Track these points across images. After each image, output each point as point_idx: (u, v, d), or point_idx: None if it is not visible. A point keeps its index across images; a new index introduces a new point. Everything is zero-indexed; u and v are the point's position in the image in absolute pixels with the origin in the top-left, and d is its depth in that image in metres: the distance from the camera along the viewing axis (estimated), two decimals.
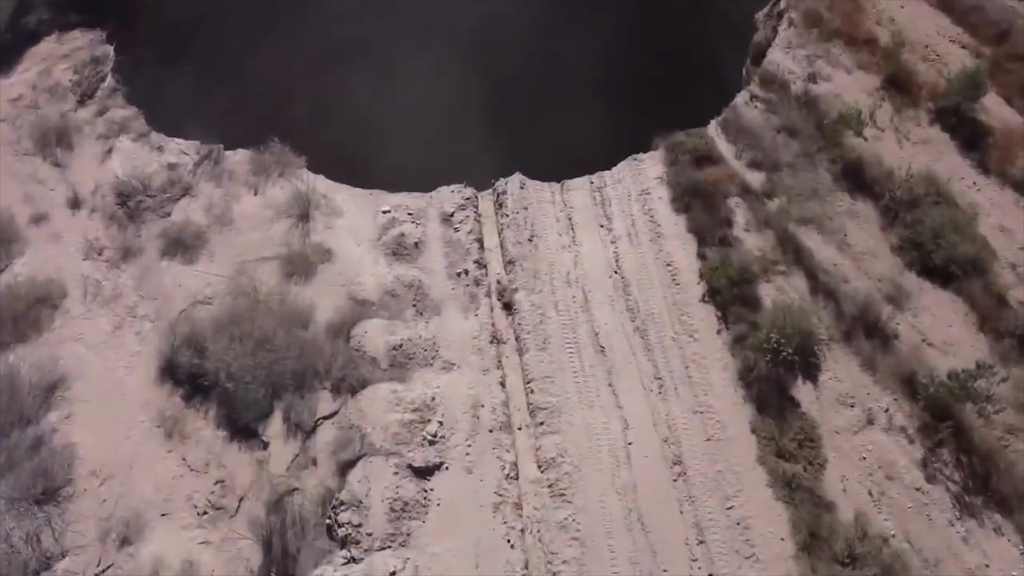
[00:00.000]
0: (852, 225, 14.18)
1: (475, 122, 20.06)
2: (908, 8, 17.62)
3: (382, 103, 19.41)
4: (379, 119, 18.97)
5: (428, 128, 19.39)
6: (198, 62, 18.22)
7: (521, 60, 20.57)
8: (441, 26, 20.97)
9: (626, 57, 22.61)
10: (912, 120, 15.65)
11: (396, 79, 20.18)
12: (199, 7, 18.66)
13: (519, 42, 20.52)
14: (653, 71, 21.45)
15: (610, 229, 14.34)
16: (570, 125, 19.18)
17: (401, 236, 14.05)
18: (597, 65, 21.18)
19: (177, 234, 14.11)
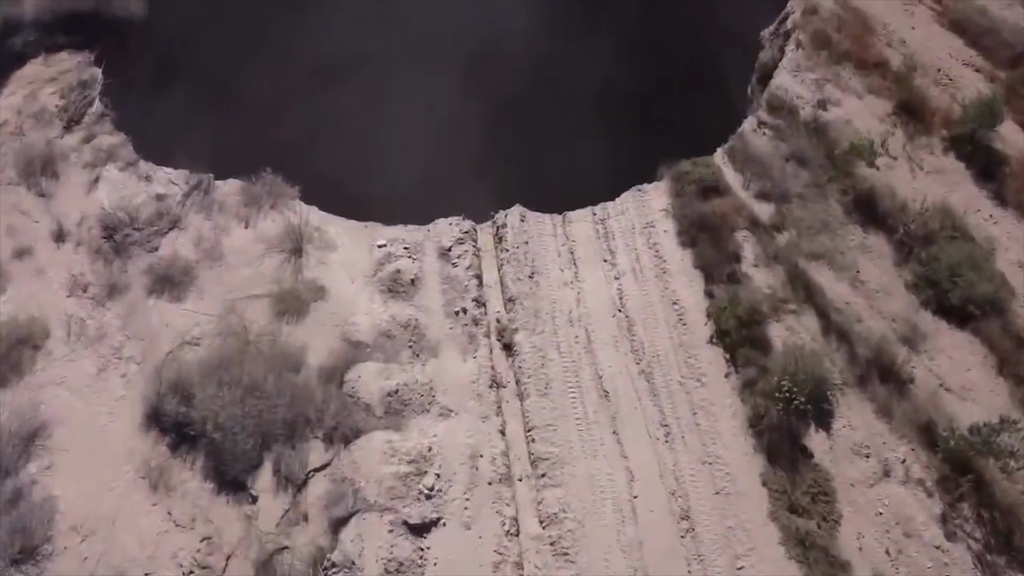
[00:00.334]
0: (865, 260, 13.53)
1: (473, 147, 19.42)
2: (919, 30, 16.95)
3: (377, 128, 18.75)
4: (374, 144, 18.32)
5: (425, 153, 18.73)
6: (189, 84, 17.56)
7: (521, 82, 19.93)
8: (438, 49, 20.31)
9: (629, 75, 21.95)
10: (925, 148, 14.99)
11: (392, 103, 19.52)
12: (190, 27, 18.00)
13: (518, 64, 19.88)
14: (657, 89, 20.78)
15: (614, 264, 13.69)
16: (571, 146, 18.51)
17: (397, 273, 13.39)
18: (599, 86, 20.52)
19: (165, 270, 13.44)
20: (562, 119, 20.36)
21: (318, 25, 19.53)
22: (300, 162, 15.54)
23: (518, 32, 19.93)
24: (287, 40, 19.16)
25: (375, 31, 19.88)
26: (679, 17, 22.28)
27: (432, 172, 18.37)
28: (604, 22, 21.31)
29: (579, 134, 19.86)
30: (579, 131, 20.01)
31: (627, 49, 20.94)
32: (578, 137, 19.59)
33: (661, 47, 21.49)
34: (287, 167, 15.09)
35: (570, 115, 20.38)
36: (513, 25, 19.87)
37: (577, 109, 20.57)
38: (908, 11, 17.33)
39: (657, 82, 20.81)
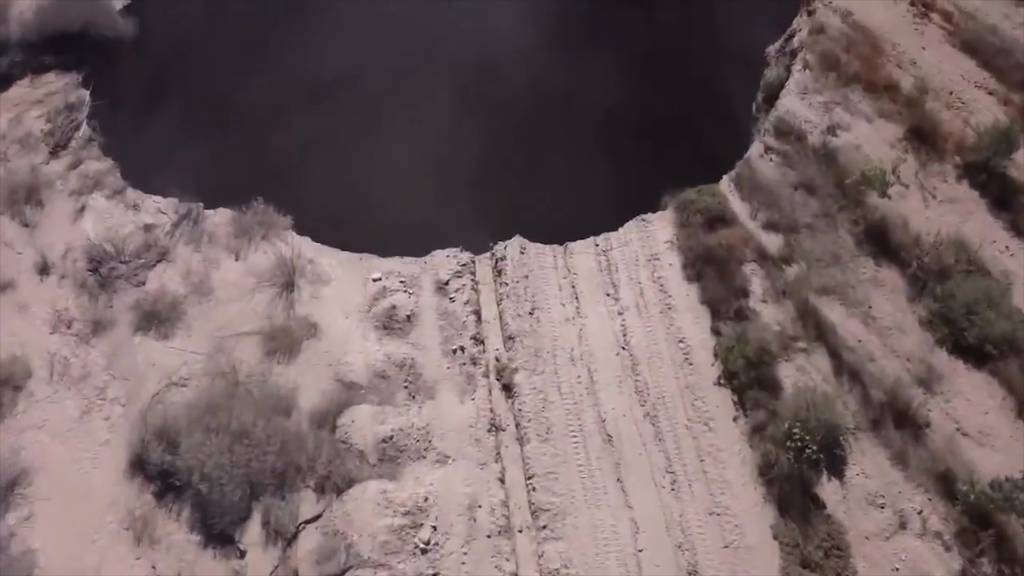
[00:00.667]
0: (877, 295, 12.90)
1: (471, 170, 18.76)
2: (930, 50, 16.30)
3: (372, 152, 18.10)
4: (369, 170, 17.67)
5: (422, 177, 18.06)
6: (179, 104, 16.94)
7: (520, 105, 19.24)
8: (435, 71, 19.63)
9: (630, 94, 21.31)
10: (938, 176, 14.36)
11: (387, 128, 18.85)
12: (181, 45, 17.36)
13: (517, 86, 19.19)
14: (659, 107, 20.13)
15: (617, 299, 13.06)
16: (573, 166, 17.87)
17: (392, 309, 12.78)
18: (600, 106, 19.86)
19: (151, 306, 12.83)
20: (563, 140, 19.71)
21: (311, 43, 18.88)
22: (292, 186, 14.99)
23: (516, 53, 19.25)
24: (279, 60, 18.51)
25: (370, 52, 19.24)
26: (681, 33, 21.65)
27: (429, 196, 17.72)
28: (605, 41, 20.68)
29: (580, 155, 19.21)
30: (580, 152, 19.37)
31: (628, 68, 20.31)
32: (579, 158, 18.95)
33: (664, 65, 20.86)
34: (279, 192, 14.50)
35: (571, 136, 19.73)
36: (511, 46, 19.20)
37: (578, 130, 19.91)
38: (918, 30, 16.67)
39: (659, 100, 20.18)
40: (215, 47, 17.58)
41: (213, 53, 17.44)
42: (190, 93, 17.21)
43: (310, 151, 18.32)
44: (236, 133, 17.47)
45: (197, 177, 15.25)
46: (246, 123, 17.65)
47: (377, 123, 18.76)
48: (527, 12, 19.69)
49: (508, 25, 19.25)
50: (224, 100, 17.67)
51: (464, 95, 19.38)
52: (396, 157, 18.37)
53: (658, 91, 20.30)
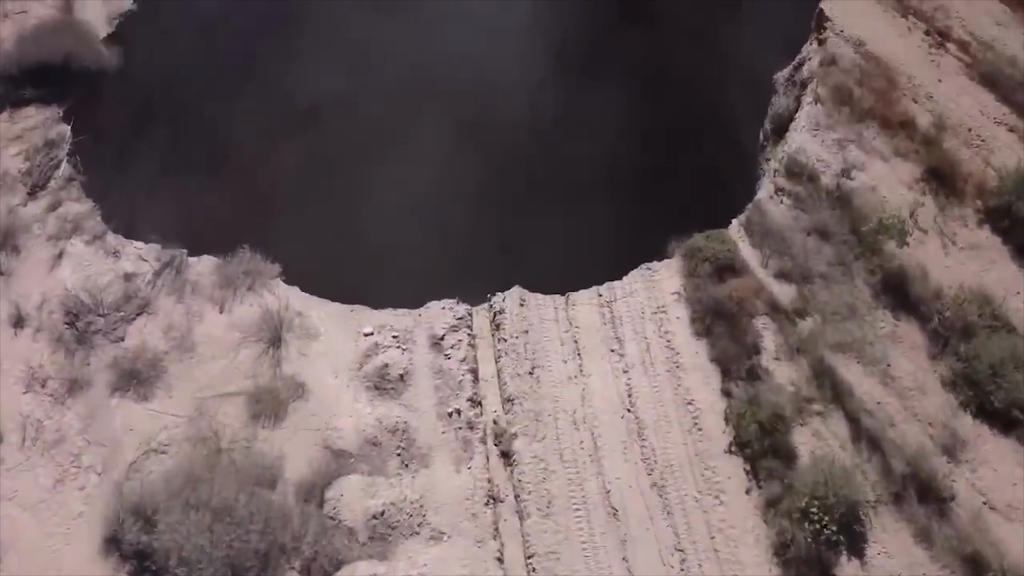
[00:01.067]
0: (896, 352, 12.04)
1: (468, 209, 17.83)
2: (947, 83, 15.38)
3: (364, 194, 17.16)
4: (360, 212, 16.73)
5: (416, 217, 17.13)
6: (164, 139, 16.10)
7: (518, 136, 18.27)
8: (430, 106, 18.68)
9: (633, 116, 20.40)
10: (958, 220, 13.48)
11: (379, 166, 17.91)
12: (167, 77, 16.48)
13: (515, 117, 18.21)
14: (664, 136, 19.19)
15: (621, 355, 12.20)
16: (575, 202, 16.93)
17: (385, 367, 11.93)
18: (603, 136, 18.92)
19: (131, 364, 11.98)
20: (563, 172, 18.76)
21: (301, 72, 17.95)
22: (281, 226, 14.11)
23: (515, 88, 18.30)
24: (269, 88, 17.63)
25: (362, 82, 18.31)
26: (687, 58, 20.74)
27: (423, 236, 16.80)
28: (607, 65, 19.73)
29: (582, 186, 18.26)
30: (582, 184, 18.42)
31: (631, 91, 19.39)
32: (581, 189, 18.00)
33: (669, 90, 19.95)
34: (267, 233, 13.72)
35: (572, 168, 18.77)
36: (509, 79, 18.24)
37: (579, 163, 18.96)
38: (934, 61, 15.76)
39: (664, 128, 19.24)
40: (203, 76, 16.71)
41: (201, 82, 16.57)
42: (176, 125, 16.34)
43: (299, 190, 17.44)
44: (223, 169, 16.60)
45: (181, 216, 14.47)
46: (234, 158, 16.78)
47: (369, 161, 17.86)
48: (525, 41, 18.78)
49: (508, 63, 18.31)
50: (212, 132, 16.79)
51: (460, 129, 18.49)
52: (389, 197, 17.46)
53: (662, 118, 19.39)
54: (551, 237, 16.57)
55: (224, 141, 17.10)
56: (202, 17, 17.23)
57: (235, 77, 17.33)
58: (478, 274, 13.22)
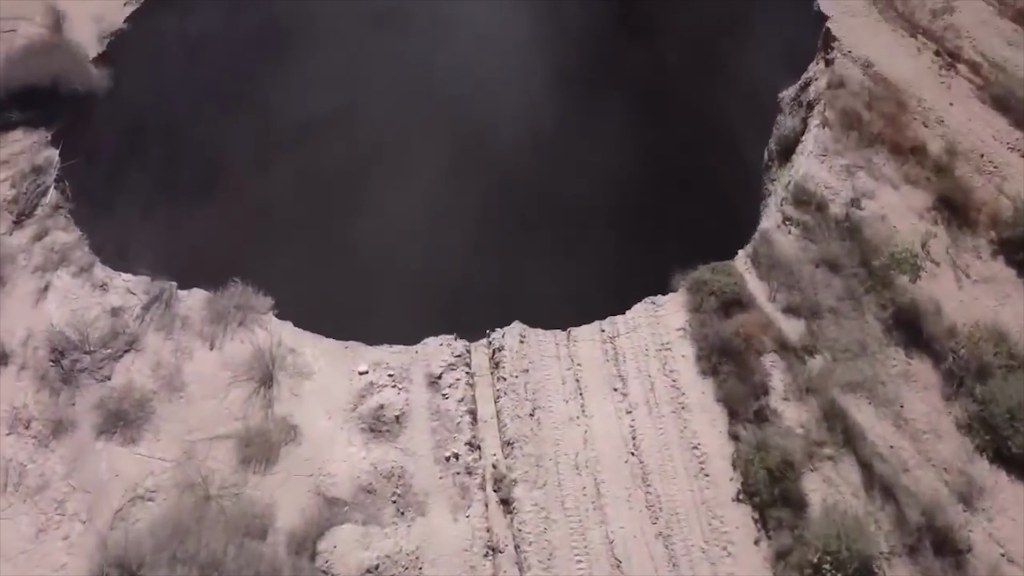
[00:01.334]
0: (909, 392, 11.56)
1: (467, 239, 17.27)
2: (958, 107, 14.89)
3: (359, 222, 16.60)
4: (356, 241, 16.18)
5: (414, 250, 16.59)
6: (155, 163, 15.58)
7: (519, 160, 17.73)
8: (429, 134, 18.12)
9: (636, 132, 19.86)
10: (972, 251, 12.99)
11: (375, 193, 17.35)
12: (158, 99, 15.96)
13: (515, 143, 17.66)
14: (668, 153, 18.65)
15: (625, 394, 11.71)
16: (576, 231, 16.38)
17: (380, 409, 11.42)
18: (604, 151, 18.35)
19: (117, 405, 11.49)
20: (565, 191, 18.19)
21: (295, 97, 17.39)
22: (273, 254, 13.55)
23: (514, 108, 17.74)
24: (262, 109, 17.05)
25: (359, 111, 17.75)
26: (691, 73, 20.20)
27: (421, 267, 16.25)
28: (609, 80, 19.18)
29: (585, 212, 17.71)
30: (585, 209, 17.86)
31: (634, 111, 18.82)
32: (584, 214, 17.45)
33: (672, 107, 19.40)
34: (259, 261, 13.17)
35: (575, 189, 18.21)
36: (509, 100, 17.69)
37: (583, 184, 18.40)
38: (944, 84, 15.27)
39: (668, 145, 18.70)
40: (195, 97, 16.20)
41: (193, 103, 16.07)
42: (168, 147, 15.84)
43: (292, 218, 16.88)
44: (215, 195, 16.09)
45: (172, 243, 13.96)
46: (225, 184, 16.27)
47: (364, 187, 17.31)
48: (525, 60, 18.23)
49: (506, 76, 17.77)
50: (203, 156, 16.28)
51: (458, 154, 17.96)
52: (384, 225, 16.91)
53: (665, 135, 18.84)
54: (552, 263, 16.05)
55: (216, 166, 16.58)
56: (195, 35, 16.72)
57: (227, 98, 16.81)
58: (477, 302, 12.77)
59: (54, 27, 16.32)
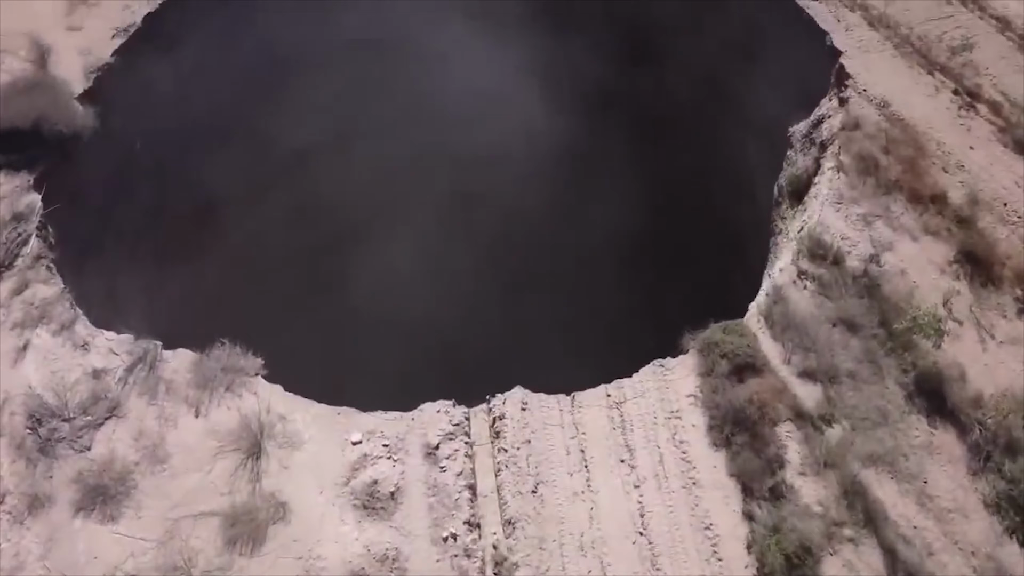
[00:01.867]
0: (933, 466, 10.85)
1: (465, 292, 16.50)
2: (979, 150, 14.16)
3: (353, 276, 15.86)
4: (349, 299, 15.40)
5: (409, 306, 15.81)
6: (141, 208, 14.82)
7: (520, 204, 16.95)
8: (426, 180, 17.36)
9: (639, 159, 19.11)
10: (996, 310, 12.27)
11: (370, 242, 16.59)
12: (145, 140, 15.18)
13: (515, 188, 16.88)
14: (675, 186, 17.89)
15: (633, 466, 11.00)
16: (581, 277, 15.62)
17: (374, 484, 10.69)
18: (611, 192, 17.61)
19: (97, 479, 10.78)
20: (568, 237, 17.43)
21: (289, 135, 16.62)
22: (263, 313, 12.79)
23: (516, 151, 16.96)
24: (252, 153, 16.29)
25: (354, 153, 16.99)
26: (698, 102, 19.43)
27: (417, 325, 15.48)
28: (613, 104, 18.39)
29: (589, 254, 16.94)
30: (589, 250, 17.08)
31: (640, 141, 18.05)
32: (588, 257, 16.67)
33: (679, 135, 18.63)
34: (248, 318, 12.41)
35: (578, 232, 17.45)
36: (511, 145, 16.90)
37: (585, 222, 17.63)
38: (964, 125, 14.53)
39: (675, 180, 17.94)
40: (184, 137, 15.51)
41: (182, 144, 15.39)
42: (155, 192, 15.11)
43: (282, 270, 16.13)
44: (203, 245, 15.30)
45: (157, 297, 13.16)
46: (214, 234, 15.49)
47: (358, 239, 16.55)
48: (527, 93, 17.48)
49: (508, 122, 17.00)
50: (191, 202, 15.51)
51: (455, 203, 17.16)
52: (379, 279, 16.14)
53: (672, 168, 18.08)
54: (555, 307, 15.26)
55: (204, 213, 15.83)
56: (185, 69, 15.95)
57: (217, 136, 16.10)
58: (475, 355, 12.02)
59: (39, 61, 15.59)
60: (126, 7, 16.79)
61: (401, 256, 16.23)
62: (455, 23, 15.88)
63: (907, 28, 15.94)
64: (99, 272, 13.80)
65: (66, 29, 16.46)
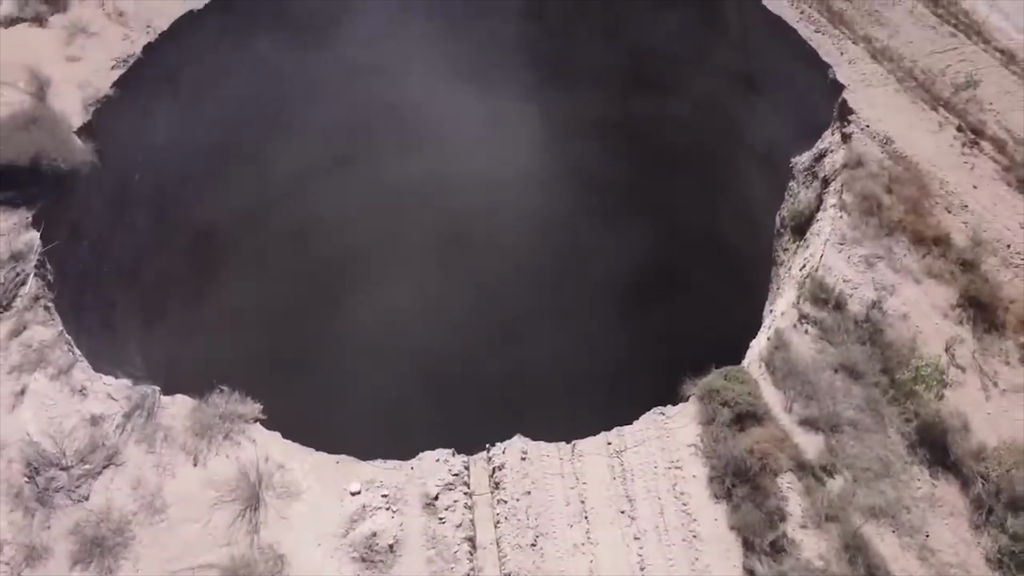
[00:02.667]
0: (935, 520, 10.82)
1: (465, 334, 16.42)
2: (982, 189, 14.10)
3: (353, 317, 15.78)
4: (347, 334, 15.37)
5: (409, 352, 15.74)
6: (139, 244, 14.76)
7: (517, 246, 16.84)
8: (425, 225, 17.29)
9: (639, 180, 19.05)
10: (999, 356, 12.23)
11: (370, 291, 16.54)
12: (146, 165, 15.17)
13: (514, 228, 16.78)
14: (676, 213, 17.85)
15: (633, 518, 10.96)
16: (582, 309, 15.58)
17: (373, 536, 10.65)
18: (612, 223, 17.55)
19: (94, 530, 10.76)
20: (569, 274, 17.37)
21: (291, 168, 16.58)
22: (261, 356, 12.72)
23: (514, 185, 16.86)
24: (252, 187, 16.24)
25: (355, 200, 16.93)
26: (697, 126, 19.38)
27: (417, 370, 15.41)
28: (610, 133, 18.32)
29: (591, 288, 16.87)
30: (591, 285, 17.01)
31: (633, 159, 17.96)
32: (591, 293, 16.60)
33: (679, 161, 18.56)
34: (246, 361, 12.34)
35: (579, 270, 17.39)
36: (507, 170, 16.80)
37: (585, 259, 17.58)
38: (968, 163, 14.46)
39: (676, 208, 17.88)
40: (182, 169, 15.39)
41: (180, 175, 15.26)
42: (154, 226, 15.03)
43: (281, 316, 16.05)
44: (201, 283, 15.24)
45: (156, 336, 13.07)
46: (213, 272, 15.42)
47: (357, 286, 16.45)
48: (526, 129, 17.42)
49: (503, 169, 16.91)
50: (191, 232, 15.48)
51: (453, 248, 17.07)
52: (378, 324, 16.08)
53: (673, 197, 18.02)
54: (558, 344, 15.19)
55: (206, 243, 15.80)
56: (184, 100, 15.89)
57: (216, 172, 16.02)
58: (475, 403, 11.91)
59: (38, 94, 15.54)
60: (126, 37, 16.75)
61: (400, 302, 16.17)
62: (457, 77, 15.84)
63: (911, 61, 15.86)
64: (92, 317, 13.73)
65: (65, 59, 16.43)
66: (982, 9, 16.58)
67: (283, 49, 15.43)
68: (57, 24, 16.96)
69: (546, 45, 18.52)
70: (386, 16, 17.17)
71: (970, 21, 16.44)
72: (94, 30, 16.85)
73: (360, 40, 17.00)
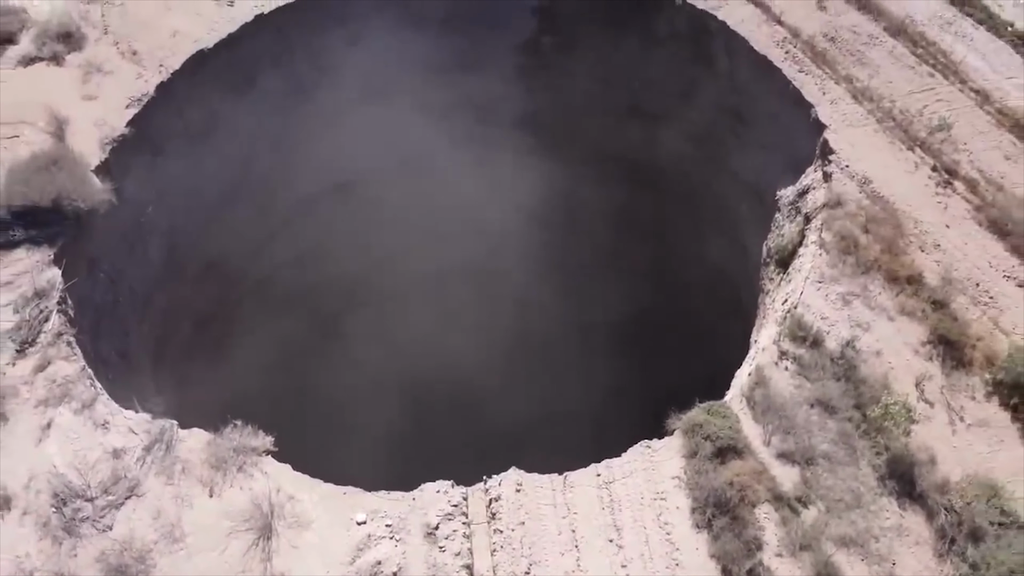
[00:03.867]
0: (901, 548, 11.62)
1: (465, 364, 17.26)
2: (954, 229, 14.89)
3: (358, 352, 16.61)
4: (352, 370, 16.19)
5: (411, 388, 16.56)
6: (155, 280, 15.56)
7: (513, 282, 17.66)
8: (426, 264, 18.10)
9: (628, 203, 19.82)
10: (966, 392, 13.02)
11: (374, 331, 17.34)
12: (160, 213, 15.96)
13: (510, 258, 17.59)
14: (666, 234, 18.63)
15: (620, 546, 11.77)
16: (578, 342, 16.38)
17: (378, 564, 11.45)
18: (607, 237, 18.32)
19: (118, 559, 11.54)
20: (566, 306, 18.17)
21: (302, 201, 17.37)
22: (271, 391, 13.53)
23: (509, 220, 17.68)
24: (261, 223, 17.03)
25: (363, 232, 17.73)
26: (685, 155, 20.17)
27: (418, 406, 16.22)
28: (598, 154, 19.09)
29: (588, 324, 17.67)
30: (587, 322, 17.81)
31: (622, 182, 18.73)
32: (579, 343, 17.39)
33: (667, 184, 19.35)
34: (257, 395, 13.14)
35: (575, 302, 18.20)
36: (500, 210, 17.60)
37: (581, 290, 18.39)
38: (941, 203, 15.26)
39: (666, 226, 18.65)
40: (196, 204, 16.20)
41: (197, 219, 16.06)
42: (168, 259, 15.81)
43: (290, 350, 16.87)
44: (215, 325, 16.05)
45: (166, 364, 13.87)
46: (232, 303, 16.25)
47: (362, 321, 17.26)
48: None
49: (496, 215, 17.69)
50: (204, 260, 16.24)
51: (452, 287, 17.86)
52: (381, 361, 16.90)
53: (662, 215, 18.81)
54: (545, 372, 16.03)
55: (221, 275, 16.60)
56: (196, 133, 16.68)
57: (228, 206, 16.81)
58: (473, 438, 12.72)
59: (57, 133, 16.31)
60: (139, 75, 17.52)
61: (400, 341, 16.99)
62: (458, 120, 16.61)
63: (890, 102, 16.63)
64: (111, 335, 14.50)
65: (81, 98, 17.20)
66: (960, 50, 17.34)
67: (288, 91, 16.18)
68: (73, 63, 17.73)
69: (543, 77, 19.27)
70: (384, 51, 17.92)
71: (948, 61, 17.21)
72: (109, 69, 17.63)
73: (362, 73, 17.76)
